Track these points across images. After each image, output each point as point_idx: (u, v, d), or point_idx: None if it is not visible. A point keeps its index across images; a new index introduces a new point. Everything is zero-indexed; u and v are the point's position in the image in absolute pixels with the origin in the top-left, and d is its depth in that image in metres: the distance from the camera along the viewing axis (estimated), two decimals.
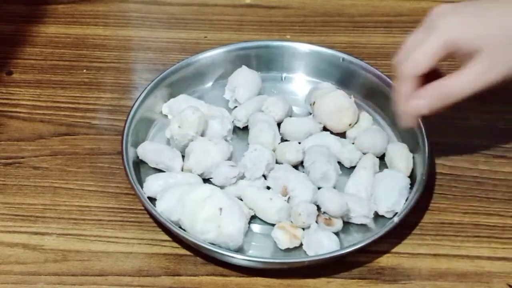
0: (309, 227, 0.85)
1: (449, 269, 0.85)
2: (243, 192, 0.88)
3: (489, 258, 0.85)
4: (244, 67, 0.99)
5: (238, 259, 0.82)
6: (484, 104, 1.01)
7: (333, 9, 1.14)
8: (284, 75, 1.02)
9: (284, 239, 0.84)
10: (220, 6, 1.14)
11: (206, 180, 0.90)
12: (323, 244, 0.83)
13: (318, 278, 0.84)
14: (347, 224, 0.87)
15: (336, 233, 0.85)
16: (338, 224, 0.86)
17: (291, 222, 0.86)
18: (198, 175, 0.89)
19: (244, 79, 0.98)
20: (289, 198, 0.86)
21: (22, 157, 0.94)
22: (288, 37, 1.09)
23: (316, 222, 0.85)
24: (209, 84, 1.01)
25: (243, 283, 0.83)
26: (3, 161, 0.94)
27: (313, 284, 0.83)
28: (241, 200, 0.87)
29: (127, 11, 1.14)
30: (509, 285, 0.83)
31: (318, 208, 0.86)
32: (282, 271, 0.84)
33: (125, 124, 0.92)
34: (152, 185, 0.88)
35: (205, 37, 1.09)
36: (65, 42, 1.08)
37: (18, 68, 1.05)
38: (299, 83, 1.02)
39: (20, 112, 0.99)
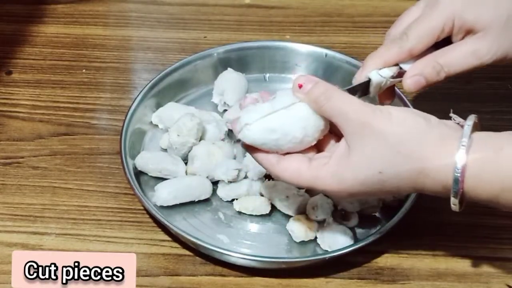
0: (325, 221, 0.85)
1: (448, 269, 0.84)
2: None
3: (488, 258, 0.85)
4: (229, 69, 0.99)
5: (237, 257, 0.82)
6: (483, 104, 1.01)
7: (332, 9, 1.14)
8: (267, 75, 1.02)
9: (299, 232, 0.85)
10: (219, 6, 1.14)
11: (214, 183, 0.90)
12: (337, 238, 0.84)
13: (317, 278, 0.84)
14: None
15: (351, 228, 0.86)
16: (354, 220, 0.86)
17: (307, 215, 0.86)
18: None
19: (231, 82, 0.98)
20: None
21: (21, 157, 0.94)
22: (288, 37, 1.09)
23: (332, 217, 0.86)
24: (194, 89, 1.00)
25: (242, 283, 0.83)
26: (2, 161, 0.94)
27: (312, 284, 0.83)
28: (262, 195, 0.89)
29: (126, 11, 1.14)
30: (508, 286, 0.83)
31: (335, 205, 0.86)
32: (281, 271, 0.84)
33: (124, 123, 0.92)
34: (162, 193, 0.87)
35: (205, 37, 1.09)
36: (65, 42, 1.08)
37: (18, 68, 1.05)
38: (284, 81, 1.02)
39: (19, 112, 0.99)
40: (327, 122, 0.76)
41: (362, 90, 0.82)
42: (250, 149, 0.78)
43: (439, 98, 1.02)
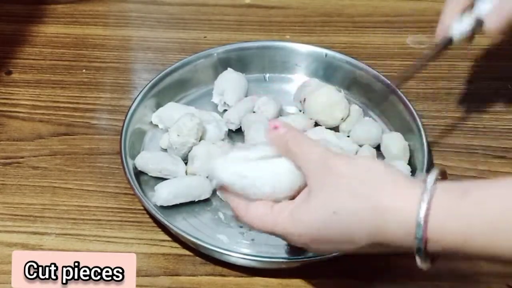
0: None
1: (449, 269, 0.84)
2: None
3: None
4: (229, 69, 0.99)
5: (237, 257, 0.82)
6: (484, 104, 1.01)
7: (332, 9, 1.14)
8: (267, 75, 1.02)
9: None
10: (220, 6, 1.14)
11: None
12: None
13: (317, 278, 0.83)
14: None
15: None
16: None
17: None
18: None
19: (231, 82, 0.98)
20: None
21: (21, 157, 0.94)
22: (288, 37, 1.09)
23: None
24: (194, 89, 1.00)
25: (242, 283, 0.83)
26: (2, 161, 0.94)
27: (312, 284, 0.83)
28: None
29: (126, 11, 1.14)
30: (508, 286, 0.83)
31: None
32: (281, 271, 0.84)
33: (124, 123, 0.92)
34: (162, 193, 0.87)
35: (205, 37, 1.09)
36: (65, 42, 1.08)
37: (18, 68, 1.05)
38: (284, 81, 1.02)
39: (19, 112, 0.99)
40: (304, 183, 0.74)
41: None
42: (224, 191, 0.77)
43: (439, 98, 1.02)
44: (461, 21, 0.86)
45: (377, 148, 0.93)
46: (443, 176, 0.70)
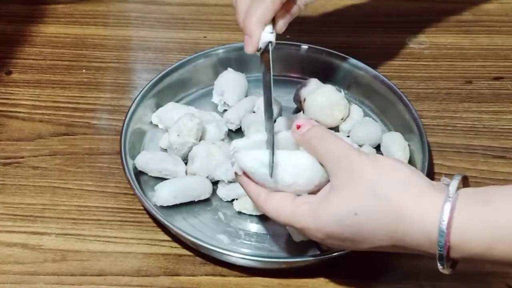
0: None
1: None
2: None
3: None
4: (229, 69, 0.99)
5: (237, 257, 0.82)
6: (483, 104, 1.01)
7: (333, 9, 1.14)
8: None
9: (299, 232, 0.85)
10: (220, 6, 1.14)
11: (214, 183, 0.90)
12: None
13: (317, 278, 0.83)
14: None
15: None
16: None
17: None
18: None
19: (231, 82, 0.98)
20: None
21: (21, 157, 0.94)
22: (288, 37, 1.09)
23: None
24: (194, 89, 1.01)
25: (242, 283, 0.83)
26: (2, 161, 0.94)
27: (311, 284, 0.83)
28: None
29: (126, 11, 1.14)
30: (509, 286, 0.83)
31: None
32: (281, 271, 0.84)
33: (124, 123, 0.92)
34: (162, 193, 0.87)
35: (205, 37, 1.09)
36: (65, 42, 1.08)
37: (18, 68, 1.05)
38: (283, 81, 1.02)
39: (19, 112, 0.99)
40: (325, 178, 0.75)
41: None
42: (244, 179, 0.77)
43: (439, 98, 1.02)
44: (266, 31, 0.85)
45: (377, 148, 0.93)
46: (465, 181, 0.71)
